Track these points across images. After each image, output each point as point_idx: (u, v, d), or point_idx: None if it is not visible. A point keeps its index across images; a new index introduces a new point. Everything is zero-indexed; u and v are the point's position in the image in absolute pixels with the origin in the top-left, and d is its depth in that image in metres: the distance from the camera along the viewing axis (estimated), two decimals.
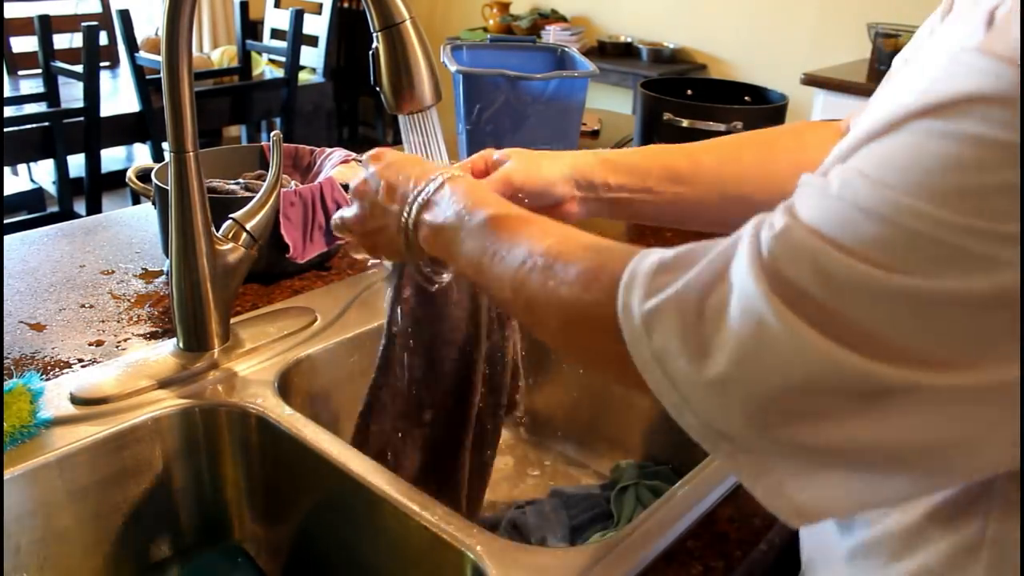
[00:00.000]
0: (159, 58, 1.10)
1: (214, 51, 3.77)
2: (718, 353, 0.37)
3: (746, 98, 1.51)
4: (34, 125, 2.64)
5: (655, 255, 0.43)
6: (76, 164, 2.76)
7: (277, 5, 3.86)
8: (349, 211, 0.69)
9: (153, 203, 1.06)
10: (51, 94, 2.84)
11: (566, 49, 1.57)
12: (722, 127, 1.32)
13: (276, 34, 3.79)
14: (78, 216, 2.64)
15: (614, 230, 1.32)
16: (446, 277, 0.73)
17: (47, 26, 2.75)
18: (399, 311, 0.74)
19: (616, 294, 0.43)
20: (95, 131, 2.73)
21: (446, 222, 0.58)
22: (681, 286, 0.39)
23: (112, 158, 3.40)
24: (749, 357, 0.36)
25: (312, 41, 3.60)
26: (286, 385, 0.85)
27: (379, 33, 0.69)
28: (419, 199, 0.60)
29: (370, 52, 0.70)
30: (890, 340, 0.33)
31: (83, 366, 0.85)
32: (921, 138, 0.34)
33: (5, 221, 2.68)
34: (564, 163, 0.72)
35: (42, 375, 0.82)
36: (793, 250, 0.36)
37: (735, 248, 0.39)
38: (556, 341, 0.52)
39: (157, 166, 1.06)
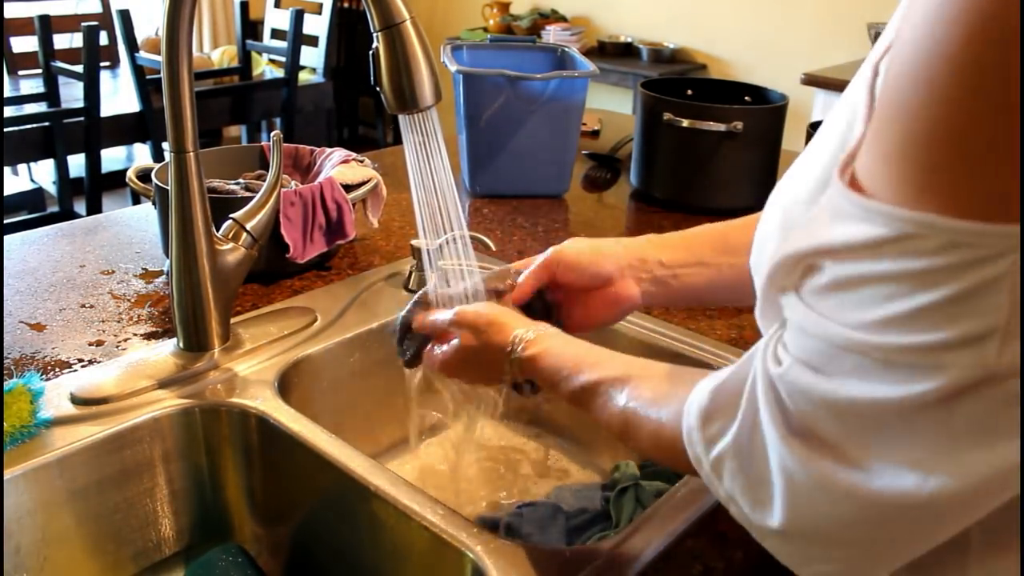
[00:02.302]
0: (159, 58, 1.10)
1: (214, 51, 3.77)
2: (773, 502, 0.42)
3: (746, 98, 1.50)
4: (34, 125, 2.64)
5: (695, 402, 0.47)
6: (76, 164, 2.76)
7: (277, 5, 3.86)
8: (444, 349, 0.72)
9: (153, 203, 1.06)
10: (51, 94, 2.84)
11: (566, 49, 1.57)
12: (722, 127, 1.32)
13: (276, 34, 3.79)
14: (78, 216, 2.64)
15: (615, 231, 1.33)
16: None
17: (47, 26, 2.75)
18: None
19: (684, 448, 0.48)
20: (95, 131, 2.73)
21: (548, 354, 0.64)
22: (731, 438, 0.44)
23: (112, 158, 3.40)
24: (795, 504, 0.41)
25: (312, 41, 3.60)
26: (286, 385, 0.85)
27: (379, 33, 0.69)
28: (531, 330, 0.66)
29: (370, 52, 0.70)
30: (884, 451, 0.37)
31: (83, 366, 0.85)
32: (838, 280, 0.38)
33: (5, 221, 2.68)
34: (615, 243, 0.75)
35: (42, 375, 0.82)
36: (796, 389, 0.40)
37: (756, 388, 0.43)
38: (653, 459, 0.60)
39: (157, 166, 1.06)
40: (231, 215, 0.86)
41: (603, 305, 0.74)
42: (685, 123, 1.34)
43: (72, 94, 2.86)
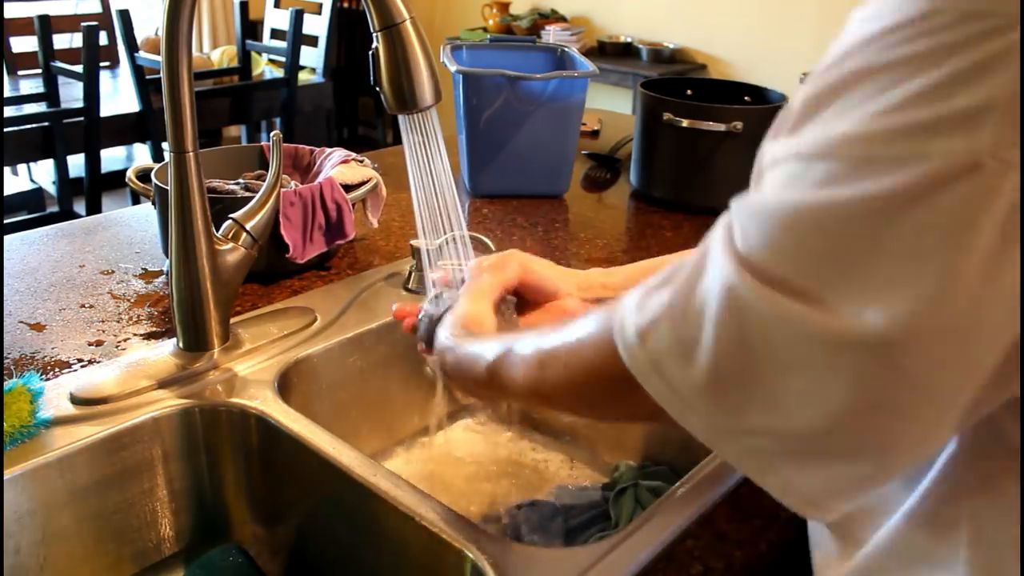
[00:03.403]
0: (159, 58, 1.10)
1: (214, 51, 3.76)
2: (706, 346, 0.38)
3: (746, 98, 1.51)
4: (34, 125, 2.64)
5: (640, 287, 0.44)
6: (76, 164, 2.76)
7: (277, 5, 3.86)
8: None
9: (153, 203, 1.06)
10: (51, 94, 2.84)
11: (566, 49, 1.57)
12: (722, 127, 1.32)
13: (276, 34, 3.79)
14: (78, 216, 2.64)
15: (615, 231, 1.33)
16: None
17: (47, 26, 2.75)
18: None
19: (612, 326, 0.45)
20: (95, 131, 2.73)
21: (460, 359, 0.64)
22: (668, 296, 0.41)
23: (112, 158, 3.40)
24: (733, 339, 0.37)
25: (312, 41, 3.60)
26: (286, 385, 0.85)
27: (379, 33, 0.69)
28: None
29: (370, 52, 0.70)
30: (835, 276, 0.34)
31: (83, 366, 0.85)
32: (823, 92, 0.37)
33: (5, 221, 2.68)
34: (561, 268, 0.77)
35: (42, 375, 0.82)
36: (751, 212, 0.37)
37: (711, 239, 0.40)
38: (570, 398, 0.54)
39: (157, 166, 1.06)
40: (231, 215, 0.86)
41: (547, 318, 0.75)
42: (685, 123, 1.34)
43: (72, 94, 2.85)
